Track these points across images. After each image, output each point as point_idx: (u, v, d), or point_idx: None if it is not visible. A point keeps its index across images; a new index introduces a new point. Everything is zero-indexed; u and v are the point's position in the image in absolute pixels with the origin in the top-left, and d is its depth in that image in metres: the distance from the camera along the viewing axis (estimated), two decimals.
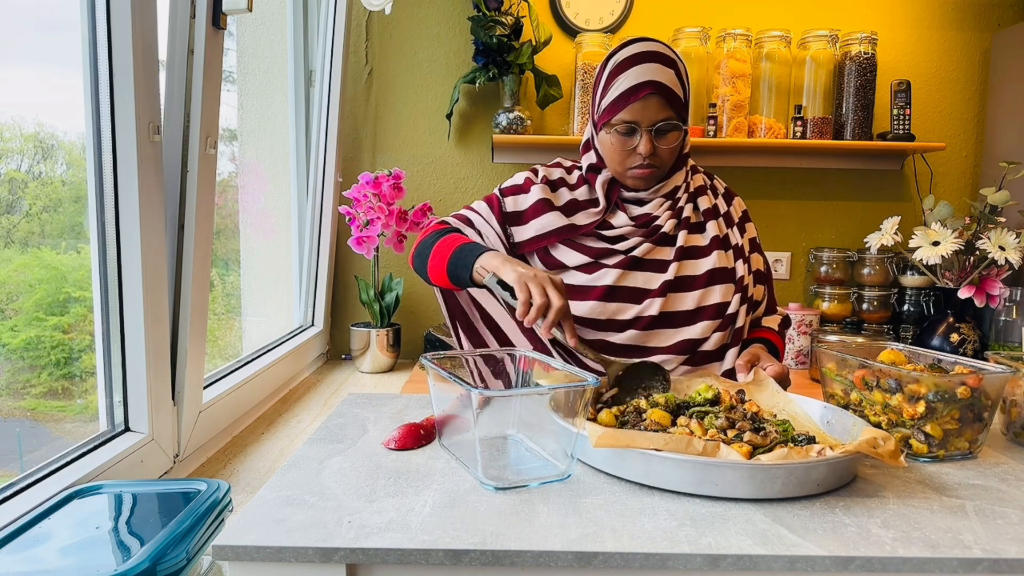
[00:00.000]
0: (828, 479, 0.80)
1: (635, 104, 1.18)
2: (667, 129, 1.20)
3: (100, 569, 0.69)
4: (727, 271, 1.27)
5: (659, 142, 1.21)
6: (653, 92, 1.18)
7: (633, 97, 1.18)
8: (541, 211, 1.29)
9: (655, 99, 1.18)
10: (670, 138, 1.22)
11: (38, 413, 1.23)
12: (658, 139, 1.21)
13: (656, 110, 1.18)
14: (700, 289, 1.25)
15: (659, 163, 1.23)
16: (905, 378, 0.94)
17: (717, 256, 1.26)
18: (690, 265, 1.26)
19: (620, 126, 1.20)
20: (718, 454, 0.81)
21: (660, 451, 0.80)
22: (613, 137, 1.22)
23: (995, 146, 2.33)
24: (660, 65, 1.19)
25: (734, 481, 0.78)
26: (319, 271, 2.26)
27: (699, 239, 1.29)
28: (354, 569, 0.69)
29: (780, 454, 0.80)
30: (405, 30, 2.32)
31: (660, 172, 1.26)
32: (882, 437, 0.81)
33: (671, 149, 1.23)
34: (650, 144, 1.20)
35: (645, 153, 1.20)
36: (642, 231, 1.26)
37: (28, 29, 1.18)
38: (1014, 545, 0.69)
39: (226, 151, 1.93)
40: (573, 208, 1.30)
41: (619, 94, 1.19)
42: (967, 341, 2.06)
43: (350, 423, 1.05)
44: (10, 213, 1.20)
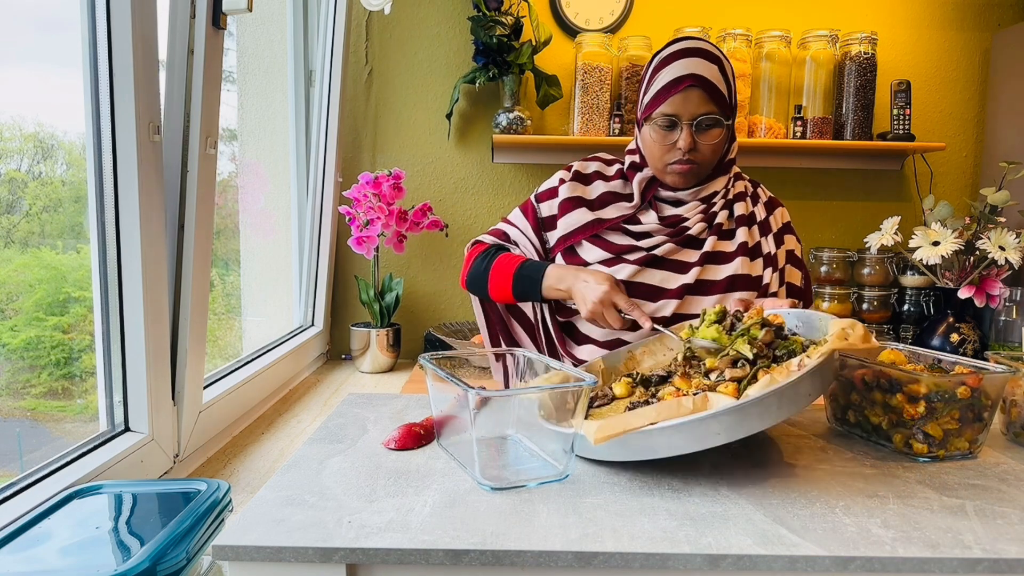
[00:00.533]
0: (817, 387, 0.82)
1: (676, 96, 1.17)
2: (708, 124, 1.19)
3: (100, 569, 0.69)
4: (750, 279, 1.24)
5: (700, 138, 1.20)
6: (694, 84, 1.17)
7: (674, 89, 1.18)
8: (568, 209, 1.30)
9: (696, 92, 1.17)
10: (712, 134, 1.20)
11: (38, 413, 1.23)
12: (699, 134, 1.20)
13: (697, 103, 1.18)
14: (718, 295, 1.23)
15: (699, 159, 1.22)
16: (905, 378, 0.94)
17: (740, 263, 1.24)
18: (712, 270, 1.24)
19: (660, 119, 1.20)
20: (708, 404, 0.82)
21: (656, 424, 0.80)
22: (654, 131, 1.22)
23: (995, 146, 2.33)
24: (703, 60, 1.19)
25: (733, 424, 0.78)
26: (319, 271, 2.26)
27: (727, 245, 1.27)
28: (354, 569, 0.69)
29: (764, 381, 0.81)
30: (405, 30, 2.32)
31: (700, 170, 1.24)
32: (849, 325, 0.83)
33: (713, 147, 1.21)
34: (690, 138, 1.19)
35: (685, 147, 1.19)
36: (668, 230, 1.26)
37: (28, 29, 1.18)
38: (1014, 545, 0.69)
39: (226, 151, 1.93)
40: (605, 200, 1.30)
41: (661, 87, 1.19)
42: (967, 341, 2.06)
43: (350, 423, 1.05)
44: (10, 213, 1.20)
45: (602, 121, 2.20)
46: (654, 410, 0.82)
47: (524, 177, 2.38)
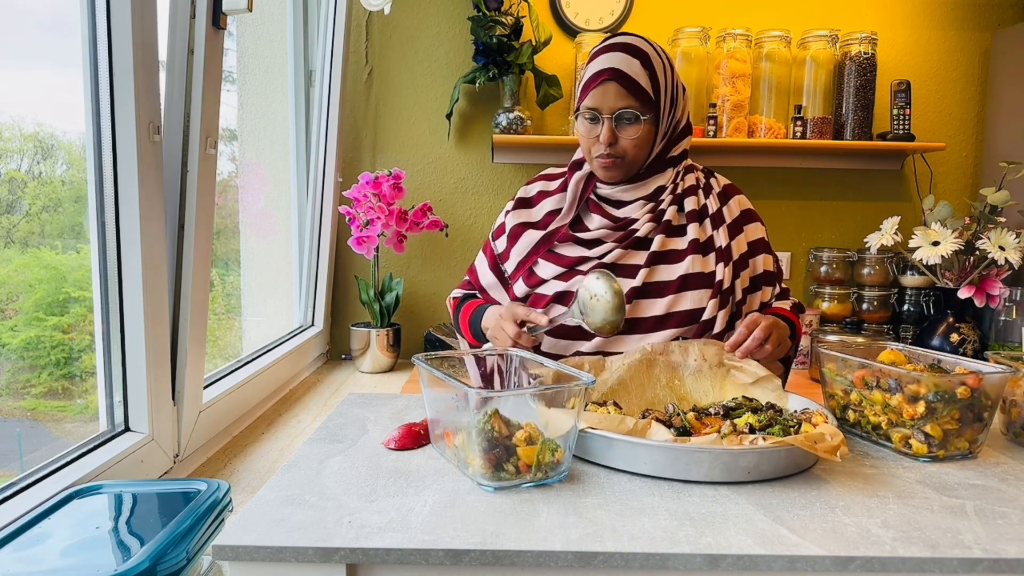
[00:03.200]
0: (760, 467, 0.83)
1: (595, 90, 1.20)
2: (627, 119, 1.19)
3: (100, 569, 0.69)
4: (703, 276, 1.22)
5: (620, 132, 1.20)
6: (610, 78, 1.18)
7: (592, 84, 1.20)
8: (516, 236, 1.32)
9: (613, 85, 1.18)
10: (630, 130, 1.20)
11: (38, 413, 1.23)
12: (619, 129, 1.20)
13: (614, 97, 1.18)
14: (671, 295, 1.20)
15: (621, 153, 1.21)
16: (905, 378, 0.94)
17: (691, 261, 1.22)
18: (663, 270, 1.22)
19: (586, 112, 1.22)
20: (648, 433, 0.88)
21: (595, 429, 0.87)
22: (582, 124, 1.24)
23: (995, 146, 2.33)
24: (624, 54, 1.20)
25: (660, 462, 0.83)
26: (319, 271, 2.26)
27: (677, 243, 1.24)
28: (354, 569, 0.69)
29: (710, 439, 0.85)
30: (405, 30, 2.32)
31: (625, 164, 1.23)
32: (831, 434, 0.84)
33: (633, 142, 1.20)
34: (610, 132, 1.19)
35: (604, 141, 1.20)
36: (616, 235, 1.25)
37: (28, 29, 1.18)
38: (1014, 545, 0.69)
39: (226, 151, 1.93)
40: (549, 220, 1.31)
41: (585, 81, 1.22)
42: (967, 341, 2.06)
43: (350, 423, 1.05)
44: (10, 213, 1.20)
45: None
46: (597, 418, 0.90)
47: (524, 177, 2.38)
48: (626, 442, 0.85)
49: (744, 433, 0.91)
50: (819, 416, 0.95)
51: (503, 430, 0.82)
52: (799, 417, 0.95)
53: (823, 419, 0.94)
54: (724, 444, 0.84)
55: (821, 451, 0.81)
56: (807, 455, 0.87)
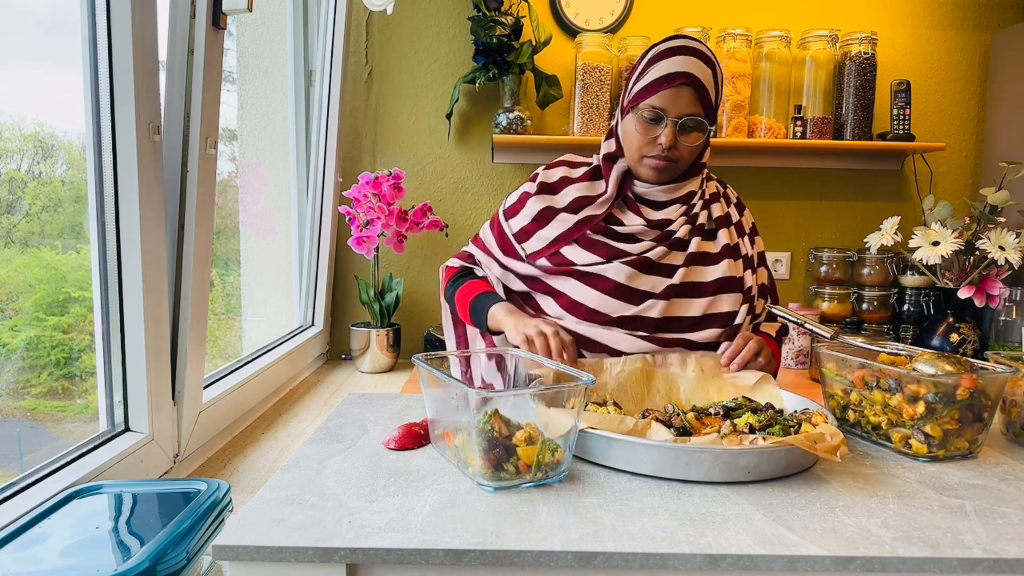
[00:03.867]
0: (761, 467, 0.83)
1: (667, 91, 1.17)
2: (692, 126, 1.19)
3: (100, 569, 0.69)
4: (736, 280, 1.25)
5: (682, 138, 1.19)
6: (687, 83, 1.17)
7: (667, 84, 1.17)
8: (546, 219, 1.29)
9: (687, 91, 1.17)
10: (693, 136, 1.20)
11: (38, 413, 1.23)
12: (681, 134, 1.19)
13: (686, 103, 1.17)
14: (709, 297, 1.23)
15: (677, 158, 1.21)
16: (905, 378, 0.94)
17: (727, 264, 1.24)
18: (698, 271, 1.24)
19: (647, 111, 1.19)
20: (648, 433, 0.89)
21: (595, 429, 0.87)
22: (638, 123, 1.21)
23: (995, 146, 2.33)
24: (699, 61, 1.19)
25: (661, 462, 0.83)
26: (319, 271, 2.26)
27: (710, 246, 1.26)
28: (354, 569, 0.69)
29: (710, 439, 0.86)
30: (405, 30, 2.32)
31: (675, 169, 1.23)
32: (831, 434, 0.85)
33: (691, 148, 1.21)
34: (673, 136, 1.18)
35: (666, 144, 1.18)
36: (654, 234, 1.25)
37: (28, 29, 1.18)
38: (1014, 545, 0.69)
39: (226, 151, 1.93)
40: (579, 205, 1.29)
41: (654, 79, 1.19)
42: (967, 341, 2.06)
43: (350, 423, 1.05)
44: (10, 213, 1.20)
45: (602, 121, 2.20)
46: (597, 418, 0.90)
47: (524, 177, 2.38)
48: (626, 442, 0.85)
49: (744, 433, 0.91)
50: (819, 416, 0.95)
51: (503, 430, 0.82)
52: (799, 417, 0.95)
53: (823, 419, 0.94)
54: (724, 444, 0.84)
55: (821, 451, 0.81)
56: (807, 455, 0.87)
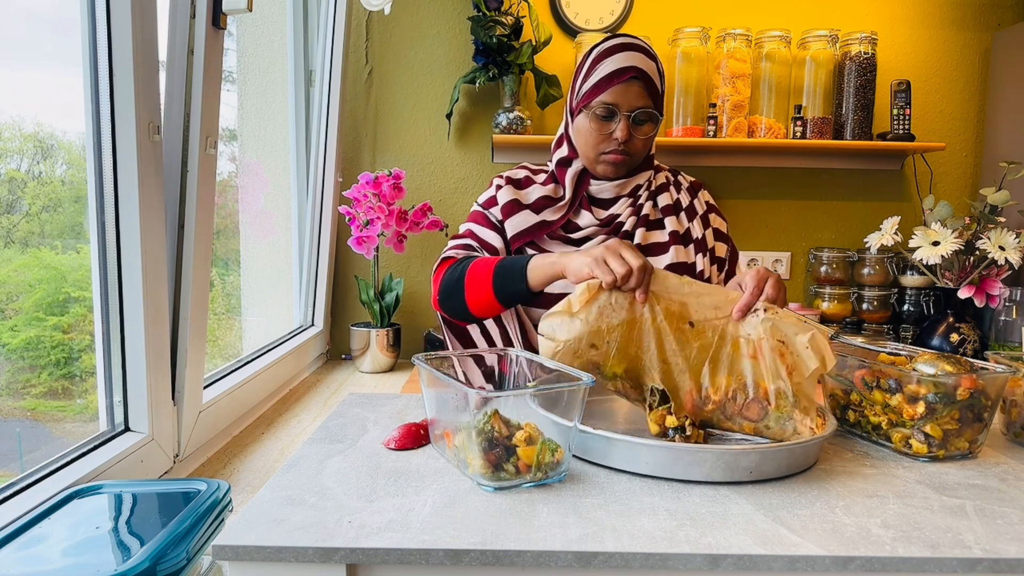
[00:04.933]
0: (762, 467, 0.83)
1: (618, 87, 1.20)
2: (644, 118, 1.23)
3: (100, 569, 0.69)
4: (686, 266, 1.27)
5: (635, 130, 1.23)
6: (636, 77, 1.20)
7: (617, 80, 1.20)
8: (511, 212, 1.30)
9: (637, 84, 1.20)
10: (645, 129, 1.24)
11: (38, 413, 1.23)
12: (634, 127, 1.23)
13: (637, 96, 1.21)
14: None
15: (632, 151, 1.25)
16: (905, 378, 0.94)
17: (675, 251, 1.27)
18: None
19: (600, 108, 1.21)
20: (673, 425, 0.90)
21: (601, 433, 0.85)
22: (591, 121, 1.23)
23: (995, 146, 2.33)
24: (643, 56, 1.23)
25: (661, 462, 0.83)
26: (319, 271, 2.26)
27: (658, 235, 1.29)
28: (354, 569, 0.69)
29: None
30: (405, 30, 2.32)
31: (631, 162, 1.27)
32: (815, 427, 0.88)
33: (645, 141, 1.25)
34: (627, 130, 1.21)
35: (622, 138, 1.21)
36: (606, 230, 1.27)
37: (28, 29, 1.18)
38: (1014, 545, 0.69)
39: (226, 151, 1.93)
40: (542, 205, 1.30)
41: (603, 76, 1.21)
42: (967, 341, 2.06)
43: (350, 423, 1.05)
44: (10, 213, 1.20)
45: None
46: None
47: None
48: (626, 442, 0.85)
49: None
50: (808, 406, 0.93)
51: (503, 430, 0.82)
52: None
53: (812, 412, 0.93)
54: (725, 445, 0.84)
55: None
56: (808, 455, 0.87)
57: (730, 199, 2.42)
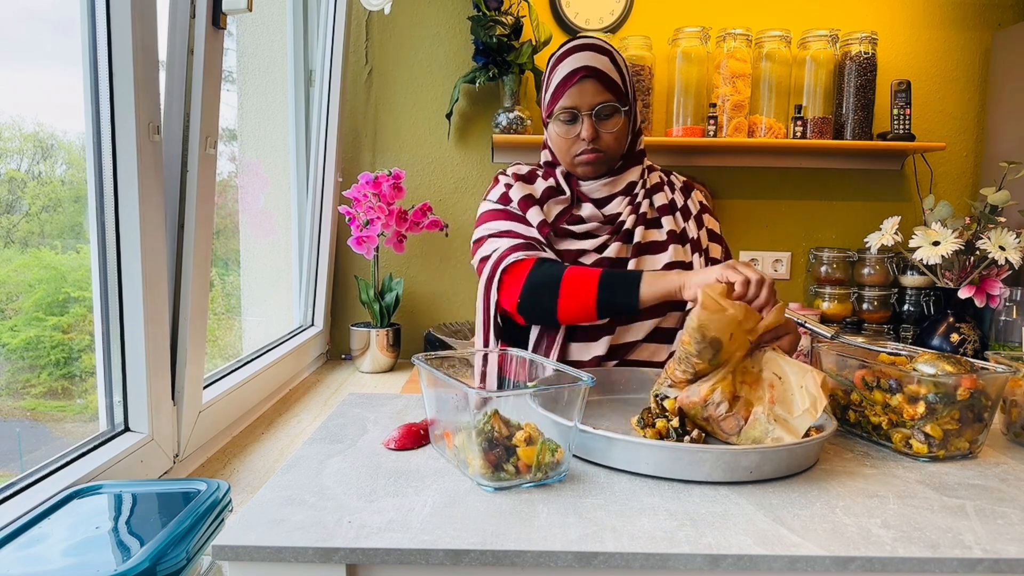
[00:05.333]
0: (763, 467, 0.83)
1: (572, 89, 1.22)
2: (607, 113, 1.23)
3: (100, 569, 0.69)
4: (685, 265, 1.27)
5: (601, 127, 1.23)
6: (587, 75, 1.21)
7: (569, 82, 1.22)
8: (529, 206, 1.30)
9: (590, 82, 1.21)
10: (611, 123, 1.24)
11: (38, 413, 1.23)
12: (600, 123, 1.23)
13: (593, 93, 1.22)
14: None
15: (604, 147, 1.25)
16: (905, 378, 0.94)
17: (674, 250, 1.27)
18: (648, 261, 1.27)
19: (562, 114, 1.23)
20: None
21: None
22: (558, 127, 1.25)
23: (995, 146, 2.32)
24: (594, 53, 1.24)
25: (662, 462, 0.83)
26: (319, 271, 2.26)
27: (656, 234, 1.29)
28: (354, 569, 0.69)
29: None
30: (405, 30, 2.32)
31: (606, 158, 1.26)
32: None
33: (614, 135, 1.25)
34: (592, 128, 1.22)
35: (588, 137, 1.22)
36: (607, 228, 1.28)
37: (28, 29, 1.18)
38: (1014, 545, 0.69)
39: (226, 151, 1.93)
40: (547, 195, 1.31)
41: (558, 82, 1.24)
42: (967, 341, 2.06)
43: (350, 423, 1.05)
44: (10, 213, 1.20)
45: None
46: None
47: None
48: (627, 442, 0.85)
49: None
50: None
51: (503, 430, 0.82)
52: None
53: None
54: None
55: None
56: (808, 455, 0.87)
57: (730, 199, 2.42)
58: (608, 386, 1.17)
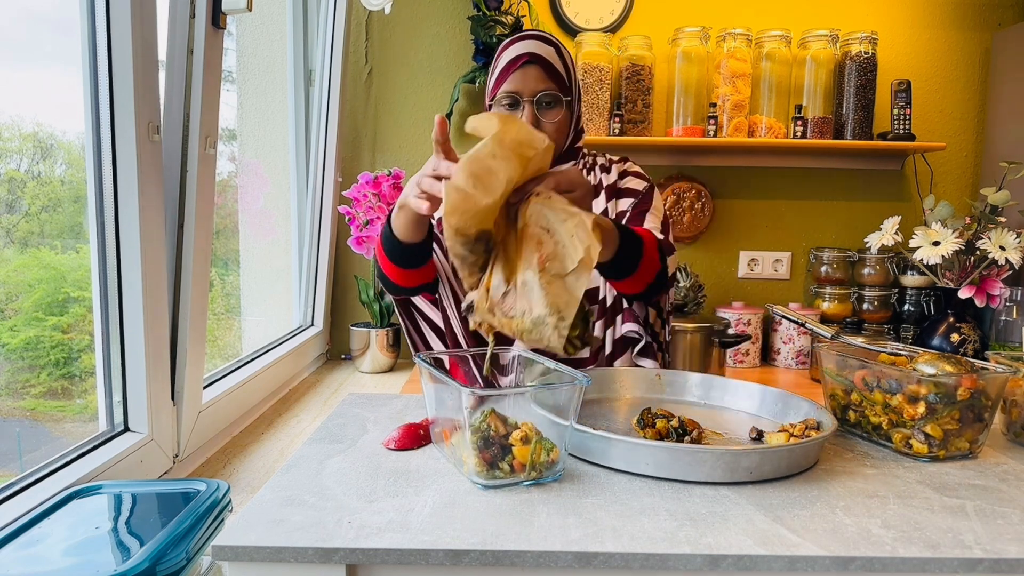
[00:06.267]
0: (763, 467, 0.83)
1: (515, 73, 1.20)
2: (548, 101, 1.21)
3: (100, 569, 0.68)
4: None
5: (542, 115, 1.21)
6: (531, 61, 1.20)
7: (513, 66, 1.20)
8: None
9: (534, 69, 1.20)
10: (553, 113, 1.22)
11: (38, 413, 1.23)
12: (541, 112, 1.21)
13: (536, 80, 1.20)
14: None
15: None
16: (905, 378, 0.94)
17: None
18: None
19: (504, 97, 1.21)
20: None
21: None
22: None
23: (995, 146, 2.32)
24: (539, 42, 1.23)
25: (662, 462, 0.82)
26: (319, 271, 2.26)
27: None
28: (354, 569, 0.69)
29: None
30: (405, 30, 2.32)
31: None
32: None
33: (555, 125, 1.22)
34: (532, 115, 1.20)
35: (528, 123, 1.18)
36: None
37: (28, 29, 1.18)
38: (1014, 545, 0.69)
39: (226, 151, 1.93)
40: None
41: (502, 67, 1.22)
42: (967, 341, 2.06)
43: (350, 423, 1.05)
44: (10, 213, 1.20)
45: (602, 121, 2.19)
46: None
47: None
48: (626, 442, 0.84)
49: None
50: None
51: (500, 429, 0.82)
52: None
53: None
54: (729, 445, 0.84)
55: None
56: (808, 455, 0.87)
57: (730, 199, 2.42)
58: (608, 386, 1.17)
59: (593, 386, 1.13)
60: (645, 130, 2.23)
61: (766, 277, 2.46)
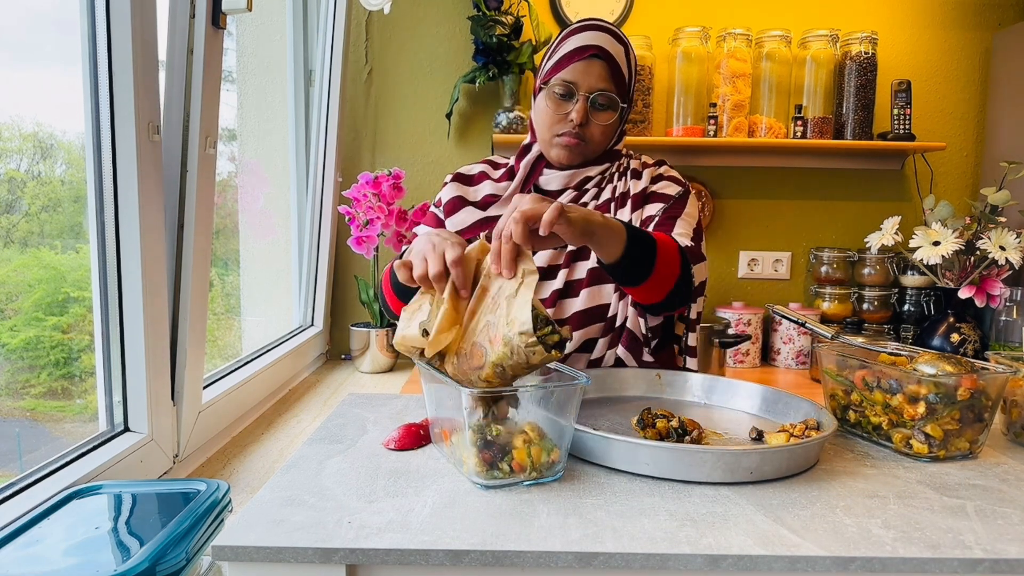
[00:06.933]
0: (763, 468, 0.83)
1: (578, 64, 1.14)
2: (604, 103, 1.16)
3: (100, 569, 0.68)
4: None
5: (593, 115, 1.16)
6: (598, 55, 1.14)
7: (578, 56, 1.14)
8: (453, 209, 1.26)
9: (599, 64, 1.14)
10: (605, 115, 1.16)
11: (38, 413, 1.23)
12: (593, 112, 1.16)
13: (598, 76, 1.14)
14: (585, 290, 1.16)
15: (588, 137, 1.17)
16: (906, 379, 0.94)
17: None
18: (578, 268, 1.19)
19: (559, 86, 1.15)
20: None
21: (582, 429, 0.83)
22: (549, 100, 1.17)
23: (995, 146, 2.32)
24: (611, 37, 1.17)
25: (662, 462, 0.82)
26: (319, 271, 2.26)
27: None
28: (354, 569, 0.69)
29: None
30: (405, 30, 2.32)
31: (586, 150, 1.19)
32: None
33: (603, 128, 1.17)
34: (584, 112, 1.14)
35: (578, 120, 1.14)
36: None
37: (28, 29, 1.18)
38: (1015, 545, 0.69)
39: (226, 151, 1.93)
40: (488, 202, 1.26)
41: (565, 53, 1.16)
42: (968, 341, 2.06)
43: (350, 423, 1.05)
44: (9, 213, 1.20)
45: None
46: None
47: None
48: (626, 442, 0.84)
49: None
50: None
51: (500, 429, 0.82)
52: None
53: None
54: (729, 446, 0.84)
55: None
56: (808, 455, 0.87)
57: (730, 199, 2.42)
58: (608, 386, 1.17)
59: (593, 386, 1.13)
60: (645, 130, 2.23)
61: (766, 277, 2.46)
